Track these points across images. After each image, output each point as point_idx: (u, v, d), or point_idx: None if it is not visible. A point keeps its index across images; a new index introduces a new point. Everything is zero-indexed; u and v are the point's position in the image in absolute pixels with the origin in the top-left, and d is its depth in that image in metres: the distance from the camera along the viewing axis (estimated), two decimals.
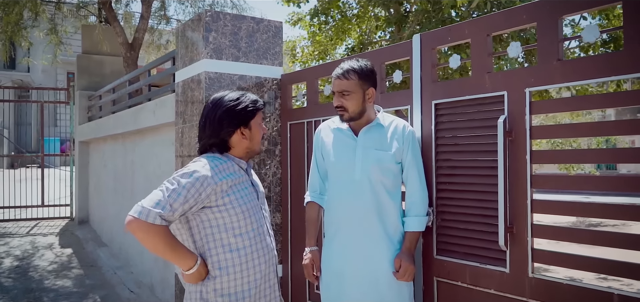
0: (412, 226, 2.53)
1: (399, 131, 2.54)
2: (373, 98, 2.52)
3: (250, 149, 2.17)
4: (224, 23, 3.81)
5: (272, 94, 4.01)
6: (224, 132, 2.09)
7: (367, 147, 2.53)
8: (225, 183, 2.02)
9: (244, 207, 2.07)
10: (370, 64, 2.52)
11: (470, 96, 2.52)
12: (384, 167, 2.49)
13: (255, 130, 2.16)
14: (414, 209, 2.54)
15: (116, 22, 7.92)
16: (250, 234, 2.07)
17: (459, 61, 2.64)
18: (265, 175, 3.95)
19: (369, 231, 2.51)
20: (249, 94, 2.18)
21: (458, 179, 2.60)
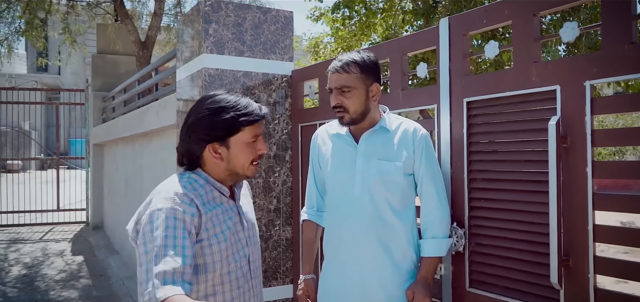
0: (429, 251, 2.06)
1: (408, 136, 2.07)
2: (377, 96, 2.07)
3: (231, 172, 1.62)
4: (226, 13, 3.38)
5: (282, 92, 3.57)
6: (191, 146, 1.59)
7: (369, 156, 2.07)
8: (204, 217, 1.54)
9: (222, 245, 1.57)
10: (373, 55, 2.07)
11: (512, 92, 2.02)
12: (389, 181, 2.04)
13: (238, 150, 1.58)
14: (430, 230, 2.08)
15: (128, 20, 7.62)
16: (224, 278, 1.58)
17: (497, 49, 2.14)
18: (274, 184, 3.52)
19: (369, 258, 2.06)
20: (246, 100, 1.61)
21: (496, 195, 2.11)
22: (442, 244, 2.07)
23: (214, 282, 1.56)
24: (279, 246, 3.53)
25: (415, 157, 2.06)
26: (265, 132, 3.48)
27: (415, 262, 2.11)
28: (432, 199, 2.07)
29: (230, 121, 1.54)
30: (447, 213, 2.10)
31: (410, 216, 2.11)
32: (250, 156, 1.60)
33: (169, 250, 1.39)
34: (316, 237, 2.31)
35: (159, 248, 1.39)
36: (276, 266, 3.52)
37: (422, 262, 2.07)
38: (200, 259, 1.52)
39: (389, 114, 2.15)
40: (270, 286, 3.48)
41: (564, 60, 1.88)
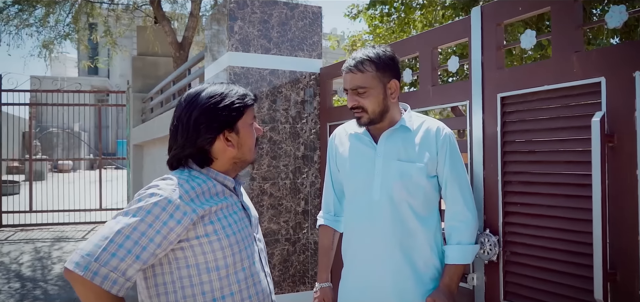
0: (453, 257, 1.89)
1: (431, 136, 1.91)
2: (396, 93, 1.91)
3: (239, 159, 1.57)
4: (252, 10, 3.29)
5: (311, 91, 3.45)
6: (202, 139, 1.49)
7: (389, 157, 1.92)
8: (208, 210, 1.45)
9: (232, 239, 1.47)
10: (389, 50, 1.91)
11: (550, 86, 1.83)
12: (410, 183, 1.88)
13: (245, 134, 1.55)
14: (455, 235, 1.91)
15: (165, 21, 7.70)
16: (239, 275, 1.48)
17: (534, 38, 1.95)
18: (302, 185, 3.40)
19: (389, 266, 1.90)
20: (235, 86, 1.59)
21: (533, 199, 1.92)
22: (467, 251, 1.90)
23: (229, 281, 1.46)
24: (307, 249, 3.41)
25: (438, 158, 1.90)
26: (291, 132, 3.38)
27: (440, 270, 1.94)
28: (458, 203, 1.91)
29: (235, 104, 1.51)
30: (474, 218, 1.92)
31: (434, 221, 1.95)
32: (254, 138, 1.59)
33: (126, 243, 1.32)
34: (333, 244, 2.18)
35: (118, 233, 1.32)
36: (304, 270, 3.40)
37: (445, 270, 1.91)
38: (206, 256, 1.43)
39: (410, 112, 2.00)
40: (297, 291, 3.37)
41: (609, 48, 1.68)
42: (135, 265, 1.32)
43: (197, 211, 1.40)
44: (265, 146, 3.30)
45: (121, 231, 1.33)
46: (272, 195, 3.31)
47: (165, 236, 1.36)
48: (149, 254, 1.34)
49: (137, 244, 1.32)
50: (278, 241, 3.32)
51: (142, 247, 1.33)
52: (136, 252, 1.32)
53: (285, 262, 3.34)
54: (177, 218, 1.37)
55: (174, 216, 1.37)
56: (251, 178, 3.24)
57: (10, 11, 8.06)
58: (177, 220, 1.37)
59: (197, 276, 1.43)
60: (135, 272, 1.33)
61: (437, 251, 1.94)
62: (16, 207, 9.68)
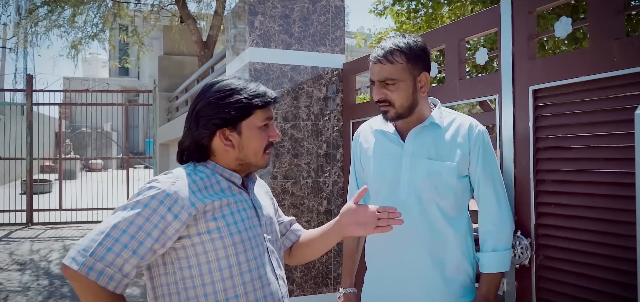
0: (489, 266, 1.76)
1: (463, 133, 1.78)
2: (427, 87, 1.77)
3: (243, 161, 1.46)
4: (273, 4, 3.21)
5: (334, 87, 3.36)
6: (198, 133, 1.42)
7: (417, 155, 1.79)
8: (210, 206, 1.36)
9: (237, 238, 1.38)
10: (421, 40, 1.77)
11: (588, 77, 1.69)
12: (440, 183, 1.76)
13: (250, 136, 1.44)
14: (489, 241, 1.77)
15: (190, 20, 7.71)
16: (245, 276, 1.38)
17: (570, 27, 1.81)
18: (324, 184, 3.31)
19: (417, 272, 1.78)
20: (254, 84, 1.47)
21: (569, 199, 1.78)
22: (504, 258, 1.77)
23: (234, 282, 1.36)
24: (330, 250, 3.32)
25: (471, 157, 1.77)
26: (313, 129, 3.29)
27: (472, 277, 1.82)
28: (492, 206, 1.78)
29: (242, 103, 1.41)
30: (509, 221, 1.79)
31: (464, 223, 1.82)
32: (263, 142, 1.46)
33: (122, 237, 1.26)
34: (358, 247, 2.07)
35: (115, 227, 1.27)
36: (327, 272, 3.31)
37: (482, 279, 1.78)
38: (209, 255, 1.35)
39: (441, 108, 1.86)
40: (319, 293, 3.28)
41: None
42: (132, 260, 1.26)
43: (196, 205, 1.33)
44: (287, 144, 3.22)
45: (118, 225, 1.27)
46: (294, 194, 3.23)
47: (163, 230, 1.29)
48: (146, 249, 1.28)
49: (134, 238, 1.26)
50: None
51: (139, 242, 1.27)
52: (133, 247, 1.26)
53: (307, 264, 3.25)
54: (175, 212, 1.30)
55: (172, 209, 1.30)
56: (272, 177, 3.17)
57: (39, 12, 8.21)
58: (175, 214, 1.30)
59: (199, 277, 1.34)
60: (132, 267, 1.27)
61: (468, 255, 1.81)
62: (48, 205, 9.86)
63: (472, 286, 1.82)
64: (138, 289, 5.73)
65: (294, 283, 3.21)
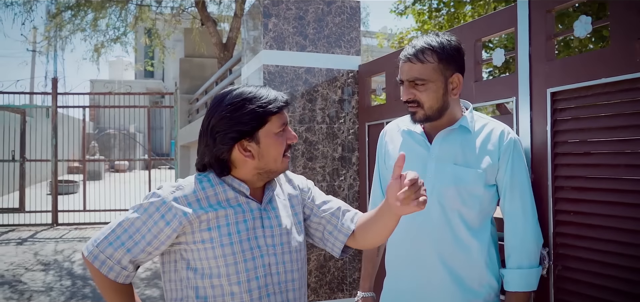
0: (514, 284, 1.66)
1: (494, 140, 1.69)
2: (459, 89, 1.69)
3: (262, 170, 1.45)
4: (287, 6, 3.18)
5: (349, 89, 3.30)
6: (217, 149, 1.42)
7: (444, 159, 1.71)
8: (204, 216, 1.39)
9: (228, 250, 1.38)
10: (455, 39, 1.68)
11: (608, 79, 1.60)
12: (465, 191, 1.67)
13: (269, 143, 1.43)
14: (515, 257, 1.67)
15: (210, 22, 7.75)
16: (234, 287, 1.38)
17: (590, 26, 1.72)
18: (340, 188, 3.26)
19: (434, 281, 1.70)
20: (265, 90, 1.45)
21: (589, 207, 1.69)
22: (530, 276, 1.66)
23: (222, 291, 1.39)
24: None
25: (500, 165, 1.67)
26: (328, 132, 3.24)
27: (496, 290, 1.72)
28: (517, 219, 1.68)
29: (255, 112, 1.40)
30: (536, 236, 1.68)
31: (488, 234, 1.72)
32: (281, 147, 1.45)
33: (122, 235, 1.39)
34: (379, 250, 2.00)
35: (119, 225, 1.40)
36: (342, 277, 3.26)
37: (506, 298, 1.68)
38: (203, 263, 1.40)
39: (472, 112, 1.76)
40: (334, 298, 3.23)
41: None
42: (126, 256, 1.39)
43: (188, 215, 1.37)
44: (301, 147, 3.18)
45: (122, 223, 1.40)
46: None
47: (156, 235, 1.38)
48: (140, 249, 1.39)
49: (131, 238, 1.38)
50: (314, 247, 3.19)
51: (135, 242, 1.38)
52: (128, 246, 1.39)
53: (322, 268, 3.21)
54: (167, 219, 1.37)
55: (165, 216, 1.37)
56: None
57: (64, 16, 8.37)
58: (167, 221, 1.37)
59: (193, 280, 1.41)
60: (128, 262, 1.40)
61: (492, 267, 1.71)
62: (74, 206, 10.03)
63: (496, 300, 1.73)
64: (158, 290, 5.77)
65: (308, 288, 3.17)
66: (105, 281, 1.41)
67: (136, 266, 1.44)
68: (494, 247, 1.74)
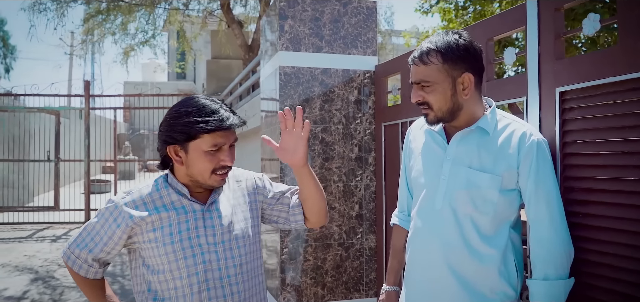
0: (538, 295, 1.57)
1: (513, 142, 1.61)
2: (470, 88, 1.62)
3: (192, 178, 1.58)
4: (303, 8, 3.20)
5: (366, 90, 3.30)
6: (159, 147, 1.60)
7: (459, 162, 1.66)
8: (149, 218, 1.55)
9: (169, 248, 1.54)
10: (465, 37, 1.63)
11: (618, 77, 1.57)
12: (478, 196, 1.61)
13: (195, 157, 1.53)
14: (540, 267, 1.57)
15: (235, 24, 7.84)
16: (176, 282, 1.55)
17: (599, 24, 1.68)
18: (356, 188, 3.26)
19: (444, 286, 1.66)
20: (214, 108, 1.54)
21: (598, 209, 1.66)
22: (557, 288, 1.55)
23: (168, 285, 1.55)
24: (362, 255, 3.27)
25: (521, 170, 1.58)
26: (344, 133, 3.25)
27: (513, 299, 1.65)
28: (543, 226, 1.58)
29: (187, 126, 1.50)
30: (565, 246, 1.57)
31: (504, 241, 1.64)
32: (209, 165, 1.54)
33: (83, 243, 1.60)
34: (405, 247, 1.97)
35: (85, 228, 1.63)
36: (358, 277, 3.26)
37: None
38: (152, 260, 1.56)
39: (494, 111, 1.69)
40: (351, 298, 3.24)
41: None
42: (89, 255, 1.60)
43: (134, 217, 1.54)
44: (317, 148, 3.20)
45: (87, 227, 1.62)
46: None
47: (111, 236, 1.56)
48: (99, 249, 1.59)
49: (92, 240, 1.59)
50: (330, 246, 3.21)
51: (95, 243, 1.59)
52: (90, 247, 1.60)
53: (338, 268, 3.22)
54: (118, 222, 1.55)
55: (116, 220, 1.56)
56: None
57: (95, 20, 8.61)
58: (118, 224, 1.55)
59: (147, 275, 1.58)
60: (91, 261, 1.61)
61: (508, 275, 1.63)
62: None
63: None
64: None
65: (324, 287, 3.19)
66: (77, 277, 1.64)
67: (102, 263, 1.64)
68: (513, 254, 1.65)
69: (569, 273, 1.58)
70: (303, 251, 3.15)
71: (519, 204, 1.66)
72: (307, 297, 3.16)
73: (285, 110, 1.63)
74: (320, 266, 3.18)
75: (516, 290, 1.65)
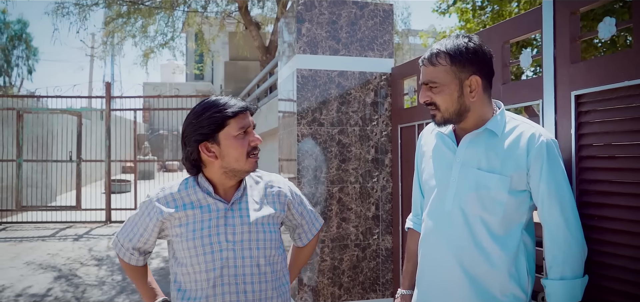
0: (555, 295, 1.58)
1: (522, 143, 1.61)
2: (478, 91, 1.64)
3: (227, 169, 1.65)
4: (320, 11, 3.24)
5: (383, 92, 3.33)
6: (187, 151, 1.67)
7: (468, 164, 1.68)
8: (176, 215, 1.67)
9: (191, 244, 1.64)
10: (475, 41, 1.65)
11: (635, 81, 1.58)
12: (487, 197, 1.63)
13: (229, 145, 1.63)
14: (556, 267, 1.58)
15: (252, 26, 7.92)
16: (198, 275, 1.64)
17: (614, 27, 1.69)
18: (372, 189, 3.29)
19: (453, 288, 1.68)
20: (225, 98, 1.69)
21: (614, 212, 1.67)
22: (574, 288, 1.56)
23: (189, 278, 1.65)
24: (378, 256, 3.30)
25: (531, 172, 1.59)
26: (361, 134, 3.28)
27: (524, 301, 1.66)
28: (558, 228, 1.58)
29: (213, 117, 1.61)
30: (580, 245, 1.58)
31: (515, 242, 1.64)
32: (242, 148, 1.63)
33: (125, 234, 1.77)
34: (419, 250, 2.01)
35: (128, 219, 1.79)
36: (374, 278, 3.29)
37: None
38: (179, 253, 1.67)
39: (503, 113, 1.70)
40: (368, 298, 3.27)
41: None
42: (130, 244, 1.76)
43: (164, 212, 1.66)
44: (334, 149, 3.23)
45: (129, 219, 1.79)
46: (341, 199, 3.24)
47: (145, 228, 1.72)
48: (137, 239, 1.75)
49: (131, 230, 1.76)
50: (347, 247, 3.24)
51: (134, 234, 1.75)
52: (130, 237, 1.76)
53: (355, 269, 3.25)
54: (151, 216, 1.70)
55: (150, 214, 1.70)
56: (319, 182, 3.19)
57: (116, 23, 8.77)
58: (150, 217, 1.70)
59: (175, 266, 1.70)
60: (133, 249, 1.77)
61: (518, 277, 1.64)
62: (126, 204, 10.48)
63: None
64: None
65: (341, 288, 3.23)
66: (123, 263, 1.82)
67: (142, 252, 1.79)
68: (524, 256, 1.66)
69: (583, 271, 1.59)
70: (320, 251, 3.19)
71: (530, 206, 1.66)
72: (324, 297, 3.20)
73: None
74: (337, 267, 3.22)
75: (526, 292, 1.66)
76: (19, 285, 5.68)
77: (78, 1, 9.14)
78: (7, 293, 5.41)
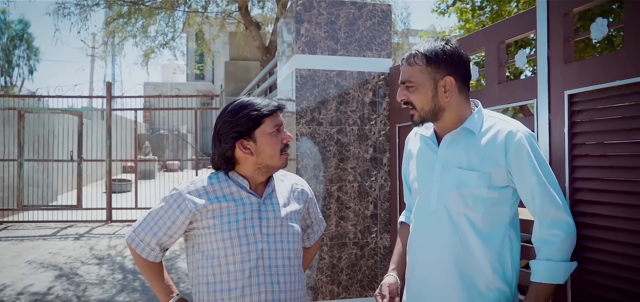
0: (539, 274, 1.62)
1: (500, 140, 1.66)
2: (452, 91, 1.69)
3: (261, 165, 1.74)
4: (318, 11, 3.27)
5: (381, 91, 3.36)
6: (222, 148, 1.73)
7: (449, 164, 1.73)
8: (210, 207, 1.70)
9: (226, 235, 1.68)
10: (452, 44, 1.70)
11: (626, 81, 1.60)
12: (468, 194, 1.67)
13: (264, 142, 1.72)
14: (544, 250, 1.62)
15: (252, 26, 7.94)
16: (230, 267, 1.68)
17: (606, 28, 1.72)
18: (371, 188, 3.32)
19: (442, 285, 1.73)
20: (259, 99, 1.76)
21: (607, 209, 1.69)
22: (557, 269, 1.60)
23: (221, 270, 1.68)
24: (376, 254, 3.33)
25: (512, 168, 1.63)
26: (359, 134, 3.31)
27: (509, 296, 1.70)
28: (547, 214, 1.62)
29: (249, 115, 1.68)
30: (568, 229, 1.61)
31: (498, 238, 1.68)
32: (276, 145, 1.72)
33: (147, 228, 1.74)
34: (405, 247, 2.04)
35: (149, 214, 1.76)
36: (373, 276, 3.32)
37: (529, 288, 1.66)
38: (207, 246, 1.69)
39: (480, 112, 1.75)
40: (366, 296, 3.30)
41: None
42: (153, 239, 1.74)
43: (197, 205, 1.68)
44: (333, 148, 3.26)
45: (151, 213, 1.76)
46: (339, 198, 3.26)
47: (174, 221, 1.71)
48: (163, 233, 1.73)
49: (157, 224, 1.73)
50: (345, 245, 3.27)
51: (159, 227, 1.73)
52: (154, 231, 1.73)
53: (353, 267, 3.28)
54: (182, 208, 1.69)
55: (180, 206, 1.70)
56: (318, 181, 3.22)
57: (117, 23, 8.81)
58: (181, 210, 1.69)
59: (201, 261, 1.72)
60: (155, 244, 1.74)
61: (502, 272, 1.68)
62: (127, 204, 10.51)
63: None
64: None
65: (340, 285, 3.25)
66: (139, 259, 1.78)
67: (163, 247, 1.77)
68: (508, 251, 1.70)
69: (571, 256, 1.63)
70: (319, 249, 3.22)
71: (514, 201, 1.70)
72: (322, 295, 3.22)
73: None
74: (335, 265, 3.25)
75: (511, 287, 1.70)
76: (20, 283, 5.71)
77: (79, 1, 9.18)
78: (8, 291, 5.45)
